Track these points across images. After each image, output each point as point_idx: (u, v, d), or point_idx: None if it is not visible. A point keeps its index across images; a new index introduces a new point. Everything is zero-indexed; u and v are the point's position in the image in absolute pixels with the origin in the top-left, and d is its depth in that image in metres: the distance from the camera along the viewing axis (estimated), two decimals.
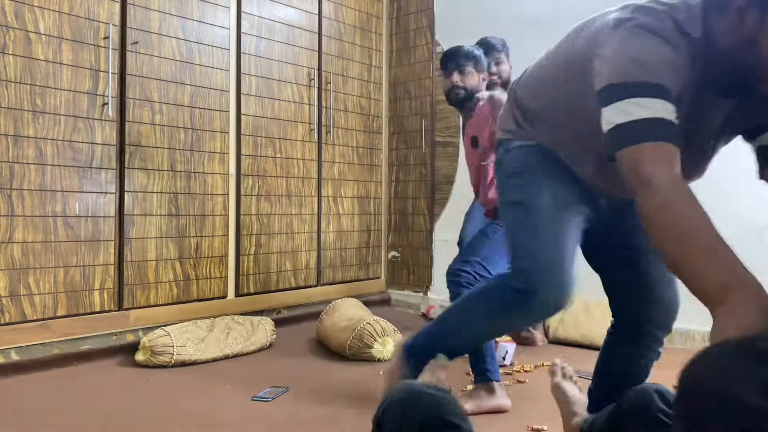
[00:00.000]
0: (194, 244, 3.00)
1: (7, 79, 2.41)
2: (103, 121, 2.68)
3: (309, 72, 3.55)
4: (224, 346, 2.66)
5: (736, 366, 0.50)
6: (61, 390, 2.24)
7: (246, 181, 3.23)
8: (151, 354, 2.51)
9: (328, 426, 1.91)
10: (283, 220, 3.43)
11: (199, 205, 3.02)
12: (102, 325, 2.67)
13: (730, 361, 0.51)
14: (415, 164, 3.95)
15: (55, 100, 2.54)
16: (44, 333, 2.50)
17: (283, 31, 3.42)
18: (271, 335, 2.87)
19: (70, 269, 2.58)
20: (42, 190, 2.51)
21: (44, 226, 2.51)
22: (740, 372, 0.50)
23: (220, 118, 3.11)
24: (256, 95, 3.27)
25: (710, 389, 0.50)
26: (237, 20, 3.19)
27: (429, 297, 3.81)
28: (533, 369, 2.48)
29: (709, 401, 0.49)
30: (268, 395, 2.17)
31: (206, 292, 3.05)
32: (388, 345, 2.67)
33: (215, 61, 3.08)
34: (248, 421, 1.94)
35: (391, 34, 4.10)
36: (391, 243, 4.08)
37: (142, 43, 2.79)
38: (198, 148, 3.01)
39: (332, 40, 3.70)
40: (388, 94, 4.10)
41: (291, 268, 3.46)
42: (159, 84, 2.86)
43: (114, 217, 2.72)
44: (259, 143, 3.29)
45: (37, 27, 2.48)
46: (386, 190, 4.10)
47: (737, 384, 0.49)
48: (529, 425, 1.89)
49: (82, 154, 2.62)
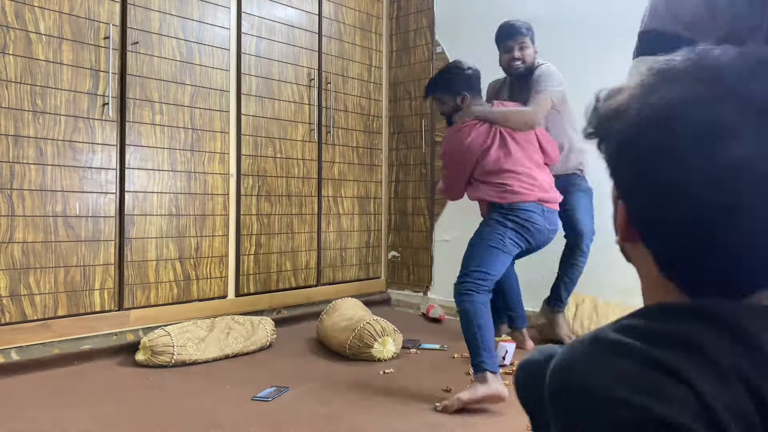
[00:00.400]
0: (194, 244, 3.00)
1: (8, 79, 2.41)
2: (104, 121, 2.68)
3: (309, 72, 3.56)
4: (224, 346, 2.67)
5: (596, 362, 0.51)
6: (61, 390, 2.24)
7: (246, 181, 3.23)
8: (152, 354, 2.52)
9: (328, 426, 1.91)
10: (283, 220, 3.43)
11: (199, 205, 3.02)
12: (102, 324, 2.67)
13: (591, 358, 0.52)
14: (415, 164, 3.95)
15: (56, 100, 2.54)
16: (44, 333, 2.50)
17: (283, 31, 3.42)
18: (271, 335, 2.87)
19: (70, 269, 2.58)
20: (42, 190, 2.51)
21: (44, 226, 2.51)
22: (601, 367, 0.50)
23: (220, 118, 3.11)
24: (257, 95, 3.28)
25: (578, 389, 0.50)
26: (237, 20, 3.19)
27: (429, 297, 3.81)
28: None
29: (579, 401, 0.50)
30: (268, 395, 2.17)
31: (206, 292, 3.05)
32: (388, 345, 2.67)
33: (215, 61, 3.08)
34: (248, 421, 1.94)
35: (391, 34, 4.10)
36: (391, 243, 4.08)
37: (142, 43, 2.80)
38: (198, 148, 3.01)
39: (332, 40, 3.71)
40: (388, 94, 4.10)
41: (291, 268, 3.47)
42: (159, 84, 2.86)
43: (114, 217, 2.72)
44: (259, 143, 3.29)
45: (37, 27, 2.49)
46: (386, 190, 4.10)
47: (600, 379, 0.49)
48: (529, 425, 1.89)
49: (83, 154, 2.62)
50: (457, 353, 2.77)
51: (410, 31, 4.00)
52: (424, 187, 3.91)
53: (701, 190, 0.52)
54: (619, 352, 0.50)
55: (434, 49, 3.85)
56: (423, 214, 3.91)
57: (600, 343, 0.53)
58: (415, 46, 3.97)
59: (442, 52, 3.82)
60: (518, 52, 2.73)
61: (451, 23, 3.79)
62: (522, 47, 2.73)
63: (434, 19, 3.86)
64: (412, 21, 3.99)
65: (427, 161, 3.88)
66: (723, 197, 0.51)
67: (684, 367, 0.48)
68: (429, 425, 1.92)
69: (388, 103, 4.10)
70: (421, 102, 3.92)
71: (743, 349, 0.50)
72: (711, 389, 0.47)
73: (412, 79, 3.97)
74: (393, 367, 2.56)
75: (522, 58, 2.73)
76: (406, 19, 4.03)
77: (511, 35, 2.76)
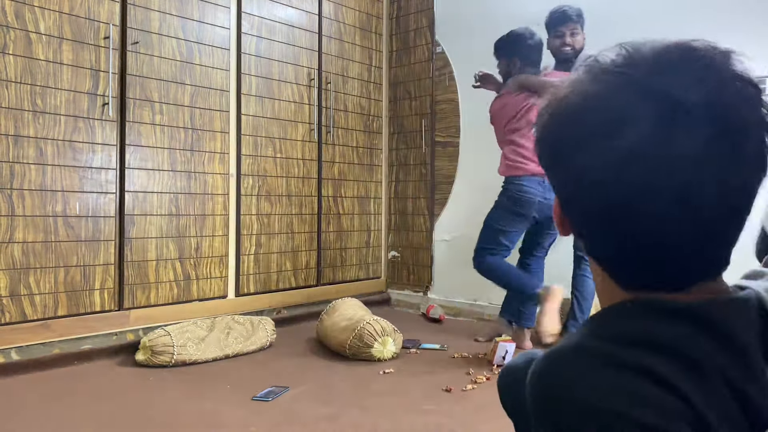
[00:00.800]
0: (194, 244, 3.00)
1: (8, 79, 2.41)
2: (104, 121, 2.68)
3: (309, 72, 3.56)
4: (224, 346, 2.67)
5: (585, 374, 0.51)
6: (61, 390, 2.24)
7: (246, 181, 3.23)
8: (152, 354, 2.52)
9: (328, 426, 1.91)
10: (283, 220, 3.43)
11: (199, 205, 3.02)
12: (102, 324, 2.67)
13: (578, 369, 0.51)
14: (415, 164, 3.95)
15: (56, 100, 2.54)
16: (44, 333, 2.50)
17: (283, 31, 3.42)
18: (271, 335, 2.87)
19: (70, 269, 2.58)
20: (42, 190, 2.51)
21: (45, 226, 2.51)
22: (591, 379, 0.50)
23: (220, 118, 3.11)
24: (257, 95, 3.28)
25: (570, 402, 0.50)
26: (237, 20, 3.19)
27: (429, 297, 3.81)
28: None
29: (570, 414, 0.50)
30: (268, 395, 2.17)
31: (206, 291, 3.05)
32: (388, 345, 2.67)
33: (215, 61, 3.08)
34: (248, 421, 1.94)
35: (391, 34, 4.10)
36: (391, 243, 4.08)
37: (142, 43, 2.80)
38: (198, 148, 3.01)
39: (332, 40, 3.70)
40: (388, 94, 4.10)
41: (291, 268, 3.47)
42: (159, 84, 2.86)
43: (114, 217, 2.72)
44: (259, 143, 3.29)
45: (37, 27, 2.48)
46: (386, 190, 4.10)
47: (592, 392, 0.49)
48: None
49: (83, 154, 2.62)
50: (457, 353, 2.77)
51: (410, 31, 4.00)
52: (424, 187, 3.91)
53: (604, 176, 0.52)
54: (606, 362, 0.50)
55: (434, 49, 3.85)
56: (423, 214, 3.91)
57: (584, 351, 0.53)
58: (415, 46, 3.97)
59: (442, 52, 3.82)
60: (569, 38, 2.85)
61: (451, 23, 3.79)
62: (573, 33, 2.85)
63: (434, 19, 3.86)
64: (412, 21, 3.99)
65: (427, 161, 3.88)
66: (623, 184, 0.51)
67: (672, 375, 0.48)
68: (429, 425, 1.92)
69: (388, 103, 4.10)
70: (421, 102, 3.92)
71: (725, 352, 0.50)
72: (701, 397, 0.48)
73: (412, 79, 3.97)
74: (393, 367, 2.56)
75: (572, 44, 2.85)
76: (406, 19, 4.03)
77: (563, 21, 2.86)
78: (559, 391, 0.51)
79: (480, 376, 2.39)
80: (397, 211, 4.05)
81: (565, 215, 0.61)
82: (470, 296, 3.59)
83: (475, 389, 2.27)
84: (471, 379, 2.39)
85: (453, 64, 3.76)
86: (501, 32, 2.89)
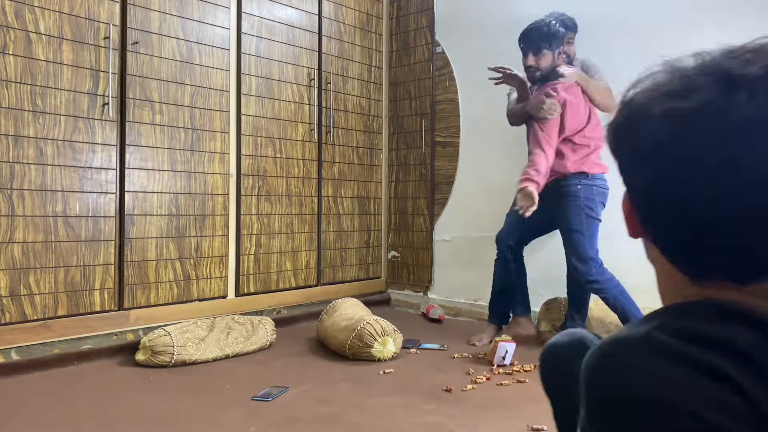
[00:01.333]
0: (194, 244, 3.00)
1: (8, 79, 2.41)
2: (103, 121, 2.68)
3: (309, 72, 3.56)
4: (224, 346, 2.67)
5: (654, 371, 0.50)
6: (61, 390, 2.24)
7: (246, 181, 3.23)
8: (152, 354, 2.52)
9: (328, 426, 1.91)
10: (283, 220, 3.43)
11: (199, 205, 3.02)
12: (102, 324, 2.67)
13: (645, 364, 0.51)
14: (415, 164, 3.95)
15: (56, 100, 2.54)
16: (44, 333, 2.50)
17: (283, 31, 3.42)
18: (271, 335, 2.87)
19: (70, 269, 2.58)
20: (42, 190, 2.51)
21: (45, 226, 2.51)
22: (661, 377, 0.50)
23: (220, 118, 3.11)
24: (257, 95, 3.28)
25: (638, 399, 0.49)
26: (237, 20, 3.19)
27: (429, 297, 3.81)
28: (533, 369, 2.48)
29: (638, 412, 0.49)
30: (268, 395, 2.17)
31: (206, 291, 3.05)
32: (388, 345, 2.67)
33: (215, 61, 3.08)
34: (248, 421, 1.94)
35: (391, 34, 4.10)
36: (391, 243, 4.08)
37: (142, 43, 2.80)
38: (198, 148, 3.01)
39: (332, 40, 3.70)
40: (388, 94, 4.10)
41: (291, 268, 3.47)
42: (159, 84, 2.86)
43: (114, 217, 2.72)
44: (259, 143, 3.29)
45: (37, 27, 2.48)
46: (386, 190, 4.10)
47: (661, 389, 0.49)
48: (529, 425, 1.89)
49: (83, 154, 2.62)
50: (457, 353, 2.77)
51: (410, 31, 4.00)
52: (424, 187, 3.91)
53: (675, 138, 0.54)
54: (679, 360, 0.50)
55: (434, 49, 3.85)
56: (423, 214, 3.91)
57: (653, 346, 0.52)
58: (415, 46, 3.97)
59: (442, 52, 3.82)
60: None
61: (451, 23, 3.79)
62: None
63: (434, 19, 3.86)
64: (412, 21, 3.99)
65: (427, 161, 3.88)
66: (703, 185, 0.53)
67: (736, 374, 0.48)
68: (429, 425, 1.92)
69: (388, 103, 4.10)
70: (421, 102, 3.92)
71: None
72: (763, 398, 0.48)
73: (412, 79, 3.97)
74: (393, 367, 2.56)
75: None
76: (406, 19, 4.03)
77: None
78: (630, 385, 0.51)
79: (480, 376, 2.39)
80: (397, 211, 4.05)
81: (634, 207, 0.61)
82: (470, 296, 3.59)
83: (475, 389, 2.27)
84: (471, 379, 2.39)
85: (453, 64, 3.76)
86: (501, 32, 2.89)
